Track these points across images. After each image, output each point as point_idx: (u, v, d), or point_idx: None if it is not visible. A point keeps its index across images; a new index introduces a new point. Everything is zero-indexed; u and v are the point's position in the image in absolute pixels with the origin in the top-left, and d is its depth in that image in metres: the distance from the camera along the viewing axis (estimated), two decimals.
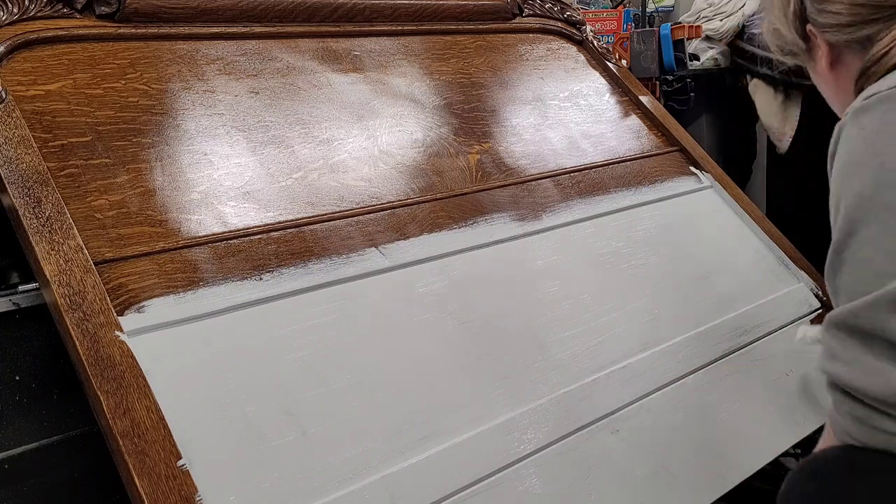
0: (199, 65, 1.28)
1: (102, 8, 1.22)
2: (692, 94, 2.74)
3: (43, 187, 1.01)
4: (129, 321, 0.96)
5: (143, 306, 0.98)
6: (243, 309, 1.05)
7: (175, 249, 1.05)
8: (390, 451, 1.01)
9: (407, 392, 1.08)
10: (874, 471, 0.81)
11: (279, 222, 1.15)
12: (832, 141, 0.89)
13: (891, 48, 0.88)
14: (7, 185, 0.99)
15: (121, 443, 0.86)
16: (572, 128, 1.63)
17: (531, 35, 1.78)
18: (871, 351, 0.79)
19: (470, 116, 1.51)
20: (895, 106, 0.82)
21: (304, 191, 1.21)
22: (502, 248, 1.32)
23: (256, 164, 1.21)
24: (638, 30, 2.91)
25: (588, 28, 1.88)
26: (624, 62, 2.26)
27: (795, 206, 2.59)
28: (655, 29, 2.76)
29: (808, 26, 1.00)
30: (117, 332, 0.94)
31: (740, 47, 2.74)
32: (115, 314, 0.95)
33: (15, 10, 1.15)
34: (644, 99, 1.79)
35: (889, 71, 0.89)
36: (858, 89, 0.91)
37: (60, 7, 1.20)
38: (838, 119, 0.93)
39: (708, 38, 2.76)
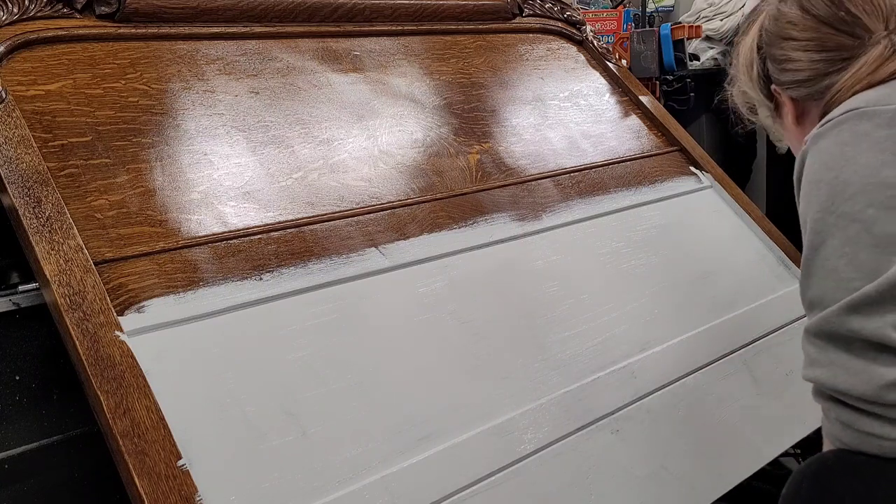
0: (199, 65, 1.28)
1: (102, 8, 1.22)
2: (692, 94, 2.74)
3: (43, 187, 1.01)
4: (129, 321, 0.96)
5: (143, 306, 0.98)
6: (243, 309, 1.05)
7: (175, 249, 1.05)
8: (390, 451, 1.01)
9: (407, 392, 1.08)
10: (871, 474, 0.82)
11: (279, 222, 1.15)
12: (796, 168, 0.96)
13: (841, 89, 0.95)
14: (7, 185, 0.99)
15: (121, 443, 0.86)
16: (572, 128, 1.63)
17: (531, 35, 1.78)
18: (850, 351, 0.82)
19: (470, 116, 1.51)
20: (846, 127, 0.89)
21: (304, 191, 1.21)
22: (502, 248, 1.32)
23: (256, 164, 1.21)
24: (638, 30, 2.91)
25: (588, 28, 1.88)
26: (624, 62, 2.26)
27: (795, 206, 2.59)
28: (655, 29, 2.77)
29: (773, 86, 1.07)
30: (117, 332, 0.94)
31: None
32: (115, 314, 0.95)
33: (15, 10, 1.15)
34: (644, 99, 1.79)
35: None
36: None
37: (60, 7, 1.20)
38: None
39: (708, 38, 2.76)
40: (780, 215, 1.97)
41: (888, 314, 0.80)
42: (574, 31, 1.85)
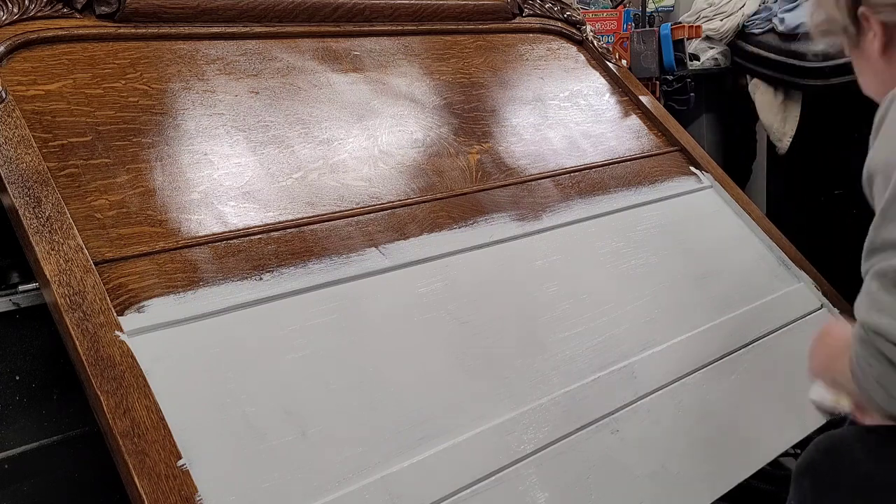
0: (199, 65, 1.28)
1: (102, 8, 1.22)
2: (692, 94, 2.74)
3: (43, 187, 1.01)
4: (129, 321, 0.96)
5: (143, 306, 0.98)
6: (243, 309, 1.05)
7: (175, 249, 1.05)
8: (390, 451, 1.01)
9: (407, 392, 1.08)
10: (887, 449, 0.81)
11: (279, 222, 1.15)
12: (882, 107, 0.87)
13: None
14: (7, 185, 0.99)
15: (121, 443, 0.86)
16: (572, 128, 1.63)
17: (531, 35, 1.78)
18: None
19: (470, 116, 1.51)
20: None
21: (304, 191, 1.21)
22: (502, 248, 1.32)
23: (256, 164, 1.21)
24: (638, 30, 2.90)
25: (588, 28, 1.88)
26: (624, 62, 2.26)
27: (795, 206, 2.60)
28: (655, 29, 2.76)
29: (862, 8, 0.96)
30: (117, 332, 0.94)
31: (740, 47, 2.74)
32: (115, 314, 0.95)
33: (15, 10, 1.15)
34: (644, 99, 1.79)
35: None
36: None
37: (60, 7, 1.20)
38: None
39: (708, 38, 2.76)
40: (780, 215, 1.98)
41: None
42: (574, 31, 1.85)
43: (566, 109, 1.67)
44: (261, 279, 1.08)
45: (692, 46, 2.75)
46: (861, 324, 0.81)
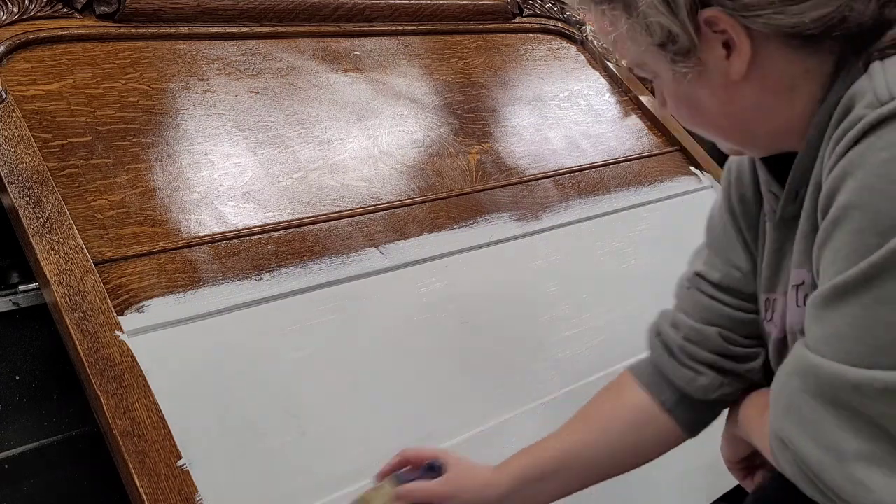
0: (199, 65, 1.28)
1: (102, 8, 1.22)
2: None
3: (43, 187, 1.01)
4: (129, 321, 0.96)
5: (143, 306, 0.98)
6: (243, 309, 1.05)
7: (175, 249, 1.05)
8: (390, 451, 1.01)
9: (407, 392, 1.08)
10: None
11: (279, 222, 1.15)
12: (842, 143, 0.61)
13: None
14: (7, 185, 0.99)
15: (121, 443, 0.86)
16: (572, 128, 1.63)
17: (531, 35, 1.78)
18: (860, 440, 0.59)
19: (470, 116, 1.51)
20: None
21: (304, 191, 1.21)
22: (502, 248, 1.32)
23: (256, 164, 1.21)
24: None
25: (588, 28, 1.88)
26: (624, 62, 2.26)
27: None
28: None
29: (709, 12, 0.64)
30: (117, 332, 0.94)
31: None
32: (115, 314, 0.95)
33: (15, 10, 1.15)
34: (644, 99, 1.79)
35: None
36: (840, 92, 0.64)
37: (60, 7, 1.20)
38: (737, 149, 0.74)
39: None
40: None
41: None
42: (574, 30, 1.85)
43: (566, 109, 1.67)
44: (261, 279, 1.08)
45: None
46: (775, 428, 0.65)
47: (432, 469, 0.86)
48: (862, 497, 0.59)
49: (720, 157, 2.21)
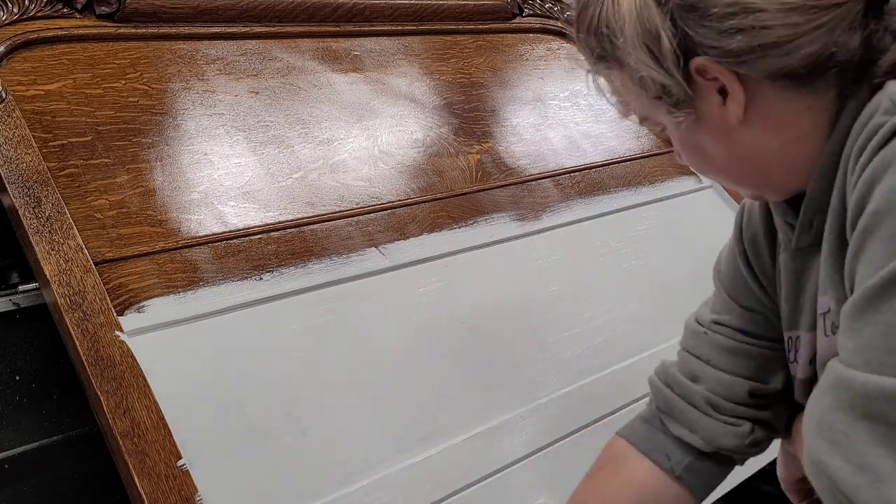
0: (199, 65, 1.28)
1: (102, 8, 1.22)
2: None
3: (43, 187, 1.01)
4: (129, 321, 0.96)
5: (143, 306, 0.98)
6: (243, 309, 1.05)
7: (175, 249, 1.05)
8: (390, 451, 1.01)
9: (407, 392, 1.08)
10: None
11: (279, 222, 1.15)
12: (865, 153, 0.60)
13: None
14: (7, 185, 0.99)
15: (121, 443, 0.86)
16: (572, 128, 1.63)
17: (531, 35, 1.78)
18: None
19: (470, 116, 1.51)
20: None
21: (304, 191, 1.21)
22: (502, 248, 1.32)
23: (256, 164, 1.21)
24: None
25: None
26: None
27: None
28: None
29: (698, 61, 0.65)
30: (117, 332, 0.94)
31: None
32: (115, 314, 0.95)
33: (15, 10, 1.15)
34: None
35: None
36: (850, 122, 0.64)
37: (60, 7, 1.20)
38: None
39: None
40: None
41: None
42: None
43: (566, 109, 1.67)
44: (261, 279, 1.08)
45: None
46: (809, 451, 0.60)
47: None
48: (823, 461, 0.57)
49: None
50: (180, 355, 0.97)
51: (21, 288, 1.04)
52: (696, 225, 1.60)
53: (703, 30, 0.64)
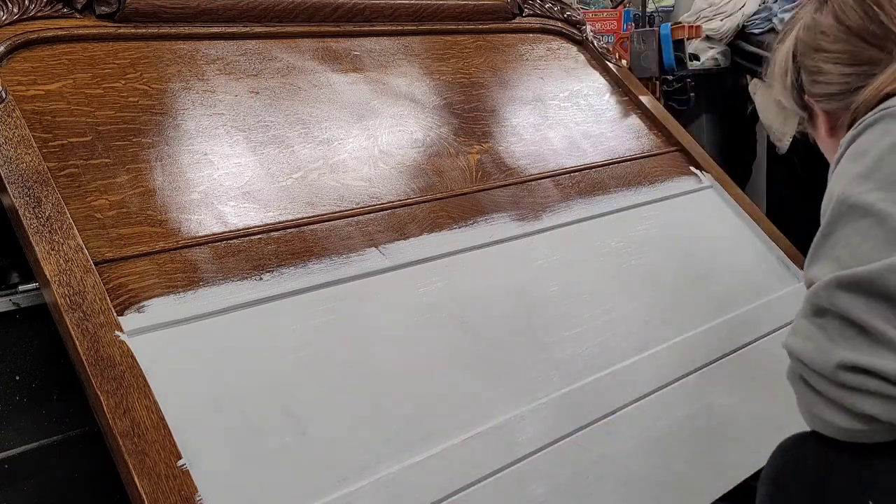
0: (199, 65, 1.28)
1: (102, 8, 1.22)
2: (692, 94, 2.74)
3: (43, 187, 1.01)
4: (129, 321, 0.96)
5: (143, 306, 0.98)
6: (243, 309, 1.05)
7: (175, 249, 1.05)
8: (390, 451, 1.01)
9: (407, 392, 1.08)
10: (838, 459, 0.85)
11: (279, 222, 1.15)
12: (830, 170, 0.93)
13: (867, 96, 0.94)
14: (7, 185, 0.99)
15: (121, 443, 0.86)
16: (572, 128, 1.63)
17: (531, 35, 1.78)
18: (826, 327, 0.83)
19: (470, 116, 1.51)
20: (879, 127, 0.88)
21: (304, 191, 1.21)
22: (502, 248, 1.32)
23: (256, 164, 1.21)
24: (638, 30, 2.91)
25: (588, 28, 1.88)
26: (624, 62, 2.26)
27: (796, 206, 2.60)
28: (655, 29, 2.77)
29: (806, 96, 1.06)
30: (117, 332, 0.94)
31: (740, 47, 2.74)
32: (115, 314, 0.95)
33: (15, 10, 1.15)
34: (644, 99, 1.79)
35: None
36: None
37: (60, 7, 1.20)
38: None
39: (708, 38, 2.76)
40: (780, 215, 1.98)
41: (875, 303, 0.79)
42: (574, 31, 1.85)
43: (566, 109, 1.67)
44: (261, 279, 1.08)
45: (692, 46, 2.75)
46: (783, 346, 0.89)
47: None
48: (790, 346, 0.87)
49: (720, 158, 2.21)
50: (180, 355, 0.97)
51: (21, 288, 1.04)
52: (696, 225, 1.60)
53: (805, 77, 1.05)
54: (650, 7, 3.09)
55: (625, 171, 1.61)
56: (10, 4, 1.15)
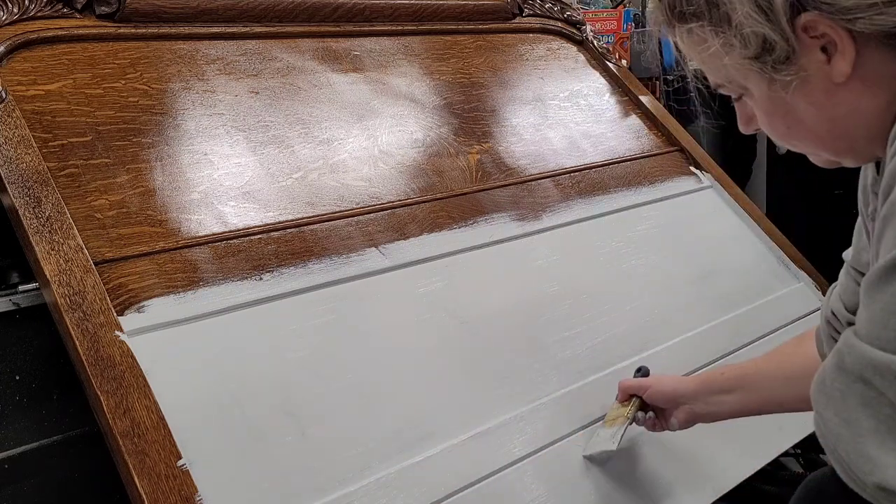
0: (199, 65, 1.28)
1: (102, 8, 1.22)
2: (692, 93, 2.74)
3: (43, 187, 1.01)
4: (129, 321, 0.96)
5: (143, 306, 0.98)
6: (243, 309, 1.05)
7: (175, 249, 1.05)
8: (390, 451, 1.01)
9: (407, 392, 1.08)
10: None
11: (279, 222, 1.15)
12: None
13: None
14: (7, 185, 0.99)
15: (121, 443, 0.86)
16: (572, 128, 1.63)
17: (531, 35, 1.78)
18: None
19: (470, 116, 1.51)
20: None
21: (304, 191, 1.21)
22: (502, 248, 1.32)
23: (256, 164, 1.21)
24: (638, 30, 2.91)
25: (588, 28, 1.88)
26: (624, 62, 2.26)
27: (796, 206, 2.60)
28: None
29: (807, 17, 0.65)
30: (117, 332, 0.94)
31: None
32: (115, 314, 0.95)
33: (15, 10, 1.15)
34: (644, 99, 1.79)
35: None
36: None
37: (60, 7, 1.20)
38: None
39: None
40: (780, 215, 1.98)
41: None
42: (574, 30, 1.85)
43: (566, 109, 1.67)
44: (261, 279, 1.08)
45: None
46: (812, 401, 0.68)
47: (640, 371, 1.23)
48: (868, 473, 0.61)
49: (720, 158, 2.21)
50: (180, 355, 0.97)
51: (21, 288, 1.04)
52: (696, 225, 1.60)
53: None
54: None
55: (625, 171, 1.61)
56: (9, 4, 1.15)
